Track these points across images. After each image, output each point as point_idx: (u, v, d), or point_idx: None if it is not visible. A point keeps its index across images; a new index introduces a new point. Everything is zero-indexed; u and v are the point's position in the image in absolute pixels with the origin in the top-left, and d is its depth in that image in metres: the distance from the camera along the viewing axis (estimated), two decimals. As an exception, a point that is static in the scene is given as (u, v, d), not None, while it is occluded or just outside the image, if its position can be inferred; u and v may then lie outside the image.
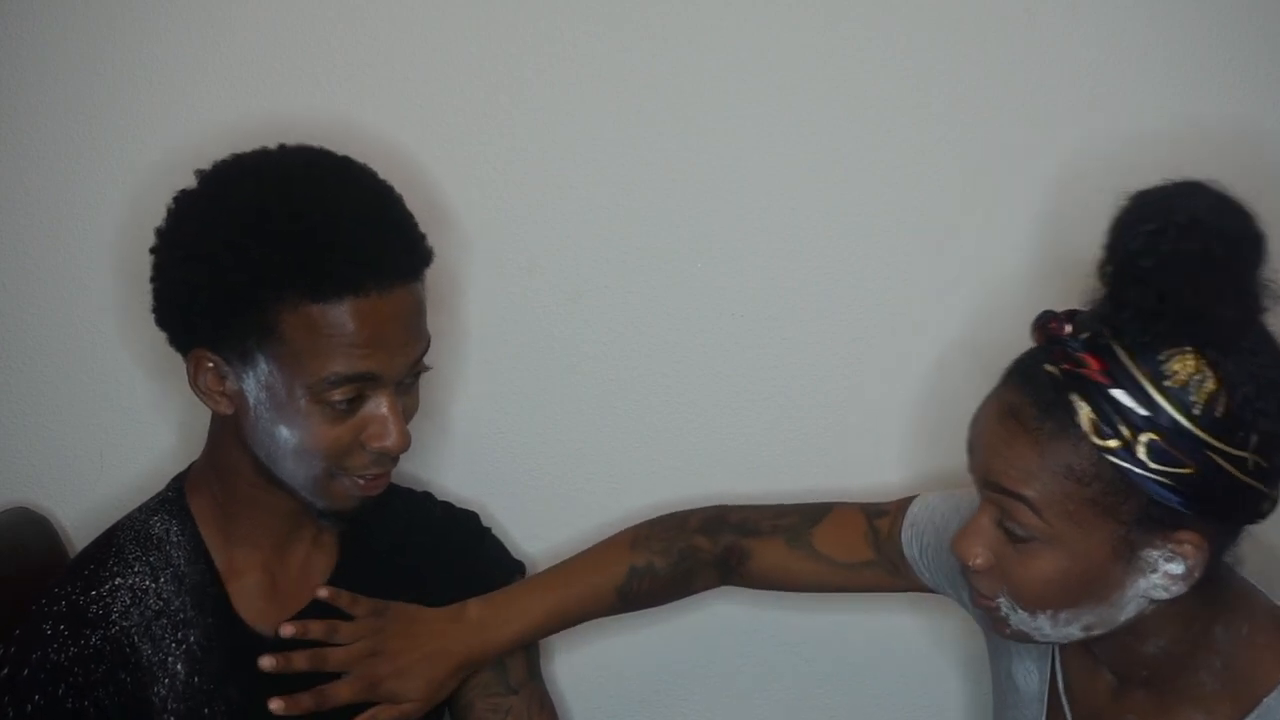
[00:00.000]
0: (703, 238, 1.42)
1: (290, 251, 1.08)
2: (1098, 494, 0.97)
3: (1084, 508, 0.98)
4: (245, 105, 1.38)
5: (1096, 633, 1.04)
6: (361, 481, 1.18)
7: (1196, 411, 0.95)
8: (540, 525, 1.49)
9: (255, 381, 1.13)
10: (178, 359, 1.17)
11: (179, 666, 1.18)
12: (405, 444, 1.16)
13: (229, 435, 1.19)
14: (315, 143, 1.18)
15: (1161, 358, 0.96)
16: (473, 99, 1.39)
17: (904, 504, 1.29)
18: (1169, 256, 0.94)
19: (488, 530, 1.40)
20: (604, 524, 1.48)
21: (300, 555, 1.27)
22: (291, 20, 1.38)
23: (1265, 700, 1.02)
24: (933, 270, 1.42)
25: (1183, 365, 0.95)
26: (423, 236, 1.18)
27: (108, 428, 1.47)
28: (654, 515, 1.35)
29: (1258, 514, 1.00)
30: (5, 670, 1.13)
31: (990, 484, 1.02)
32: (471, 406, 1.48)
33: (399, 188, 1.18)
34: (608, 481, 1.49)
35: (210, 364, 1.14)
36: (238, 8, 1.38)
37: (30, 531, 1.41)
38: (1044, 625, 1.04)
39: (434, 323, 1.19)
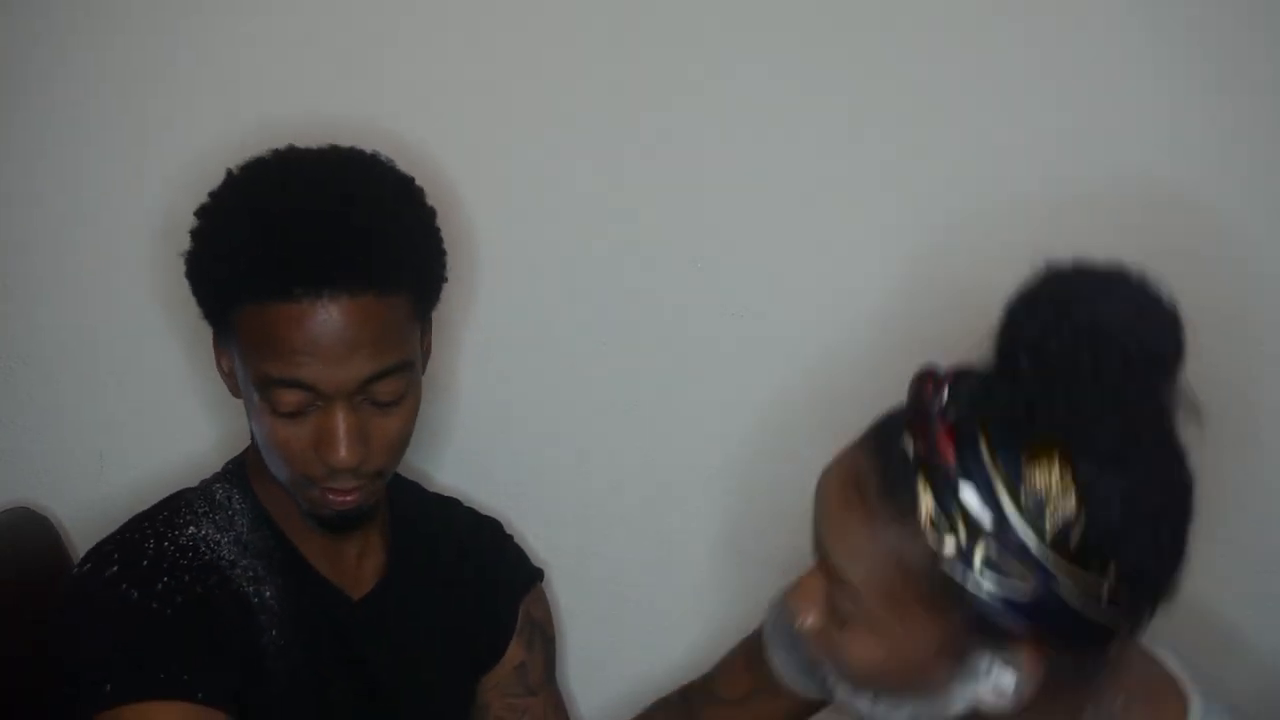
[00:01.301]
0: (702, 237, 1.42)
1: (238, 250, 1.09)
2: (925, 593, 0.85)
3: (910, 603, 0.86)
4: (248, 108, 1.37)
5: None
6: (330, 495, 1.13)
7: (1047, 532, 0.82)
8: (539, 525, 1.48)
9: (238, 372, 1.14)
10: (183, 359, 1.18)
11: (260, 617, 1.17)
12: (352, 461, 1.10)
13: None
14: (313, 143, 1.17)
15: (1024, 458, 0.82)
16: (473, 98, 1.39)
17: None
18: (1050, 366, 0.81)
19: (509, 537, 1.41)
20: (603, 524, 1.48)
21: (355, 546, 1.24)
22: (289, 20, 1.38)
23: None
24: (933, 270, 1.42)
25: (1044, 475, 0.82)
26: (395, 254, 1.11)
27: (108, 428, 1.47)
28: (654, 513, 1.34)
29: (1106, 646, 0.88)
30: (114, 569, 1.13)
31: (821, 552, 0.92)
32: (471, 406, 1.48)
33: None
34: (607, 482, 1.49)
35: (223, 346, 1.16)
36: (241, 9, 1.38)
37: (30, 531, 1.42)
38: (864, 705, 0.93)
39: (437, 321, 1.19)
